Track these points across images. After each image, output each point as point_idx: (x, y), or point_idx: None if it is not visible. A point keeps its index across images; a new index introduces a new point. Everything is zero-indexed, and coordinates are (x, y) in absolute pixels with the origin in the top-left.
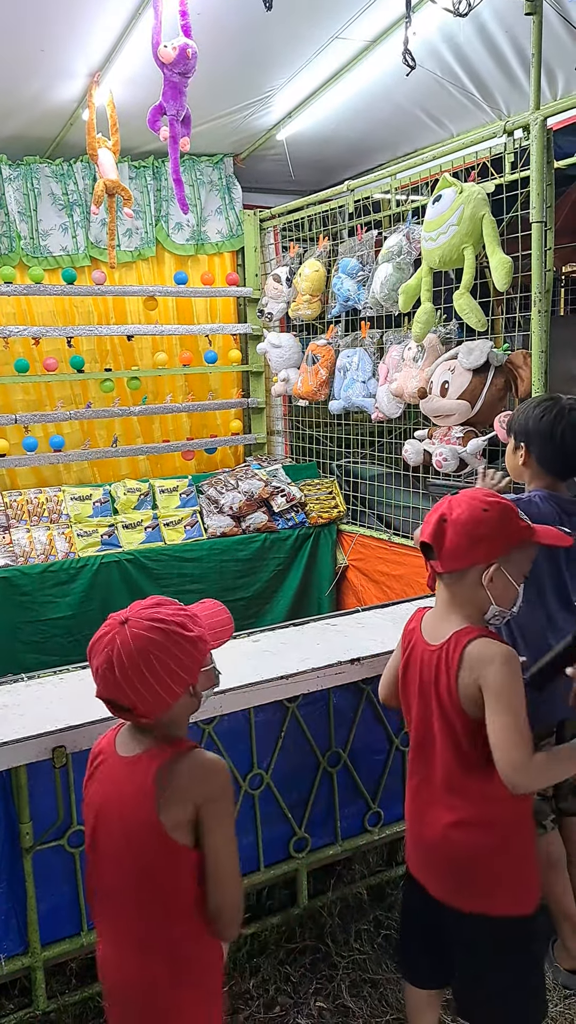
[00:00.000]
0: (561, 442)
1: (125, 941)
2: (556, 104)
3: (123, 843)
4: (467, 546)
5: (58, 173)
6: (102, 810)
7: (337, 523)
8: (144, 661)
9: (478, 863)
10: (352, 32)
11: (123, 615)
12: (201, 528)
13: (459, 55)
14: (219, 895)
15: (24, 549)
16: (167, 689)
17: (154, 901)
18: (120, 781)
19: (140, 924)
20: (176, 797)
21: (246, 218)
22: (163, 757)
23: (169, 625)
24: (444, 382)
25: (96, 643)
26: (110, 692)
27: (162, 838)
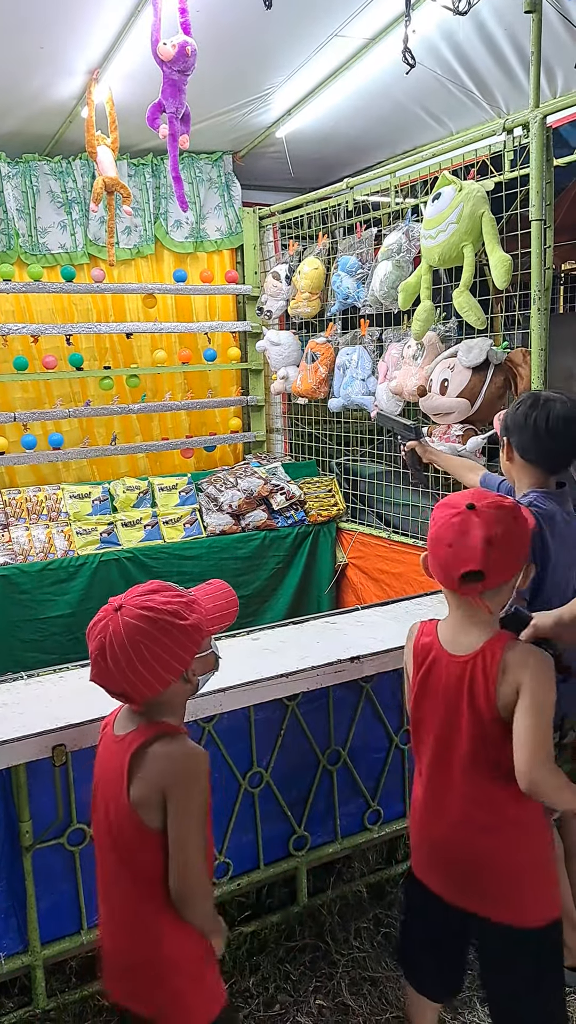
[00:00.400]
0: (534, 429)
1: (112, 915)
2: (555, 102)
3: (105, 818)
4: (512, 561)
5: (57, 171)
6: (96, 785)
7: (336, 521)
8: (134, 649)
9: (505, 869)
10: (351, 30)
11: (119, 601)
12: (200, 526)
13: (458, 53)
14: (178, 882)
15: (23, 547)
16: (156, 676)
17: (129, 878)
18: (108, 758)
19: (121, 900)
20: (145, 779)
21: (245, 216)
22: (142, 739)
23: (160, 614)
24: (444, 380)
25: (92, 628)
26: (101, 678)
27: (132, 817)
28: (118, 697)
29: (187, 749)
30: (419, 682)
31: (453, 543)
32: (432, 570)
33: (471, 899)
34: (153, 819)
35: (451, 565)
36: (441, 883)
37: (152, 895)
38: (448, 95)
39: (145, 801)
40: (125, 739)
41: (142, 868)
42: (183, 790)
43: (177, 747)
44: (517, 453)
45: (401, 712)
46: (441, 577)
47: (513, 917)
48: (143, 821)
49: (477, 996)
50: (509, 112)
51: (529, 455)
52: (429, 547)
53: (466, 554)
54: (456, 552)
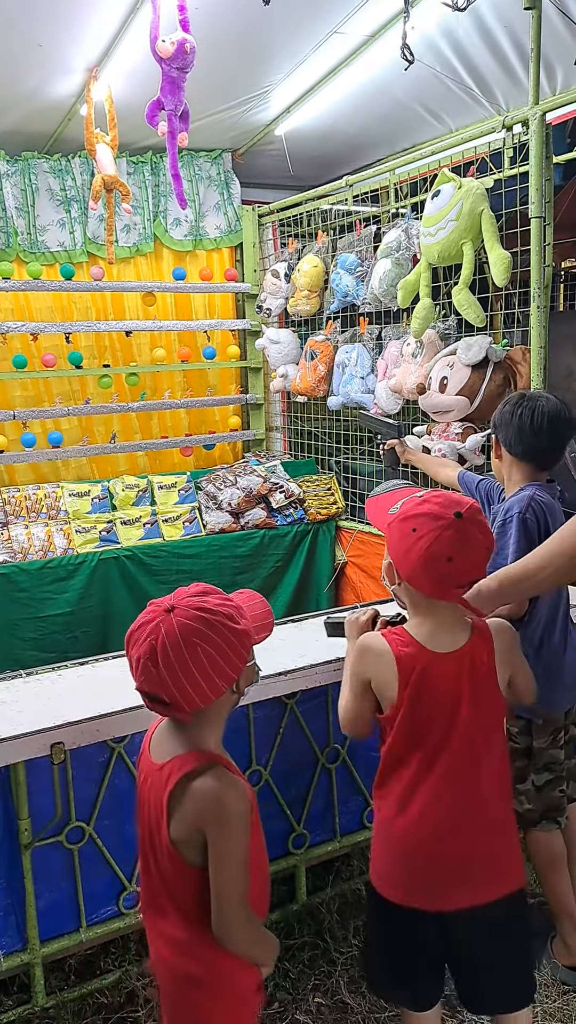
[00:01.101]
0: (519, 426)
1: (156, 934)
2: (555, 99)
3: (148, 844)
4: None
5: (56, 168)
6: (139, 805)
7: (336, 519)
8: (190, 652)
9: (511, 840)
10: (350, 27)
11: (167, 602)
12: (200, 524)
13: (458, 50)
14: (218, 920)
15: (22, 545)
16: (211, 684)
17: (173, 907)
18: (147, 787)
19: (163, 921)
20: (185, 818)
21: (244, 213)
22: (182, 772)
23: (216, 616)
24: (443, 378)
25: (137, 631)
26: (151, 685)
27: (172, 854)
28: (163, 709)
29: (227, 786)
30: (411, 694)
31: (454, 557)
32: (420, 583)
33: (490, 888)
34: (194, 857)
35: (453, 578)
36: (459, 891)
37: (193, 924)
38: (447, 92)
39: (185, 839)
40: (164, 770)
41: (184, 901)
42: (222, 830)
43: (217, 784)
44: (505, 450)
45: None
46: (435, 590)
47: (517, 882)
48: (183, 858)
49: None
50: (508, 109)
51: (516, 452)
52: (417, 564)
53: (470, 566)
54: (458, 567)
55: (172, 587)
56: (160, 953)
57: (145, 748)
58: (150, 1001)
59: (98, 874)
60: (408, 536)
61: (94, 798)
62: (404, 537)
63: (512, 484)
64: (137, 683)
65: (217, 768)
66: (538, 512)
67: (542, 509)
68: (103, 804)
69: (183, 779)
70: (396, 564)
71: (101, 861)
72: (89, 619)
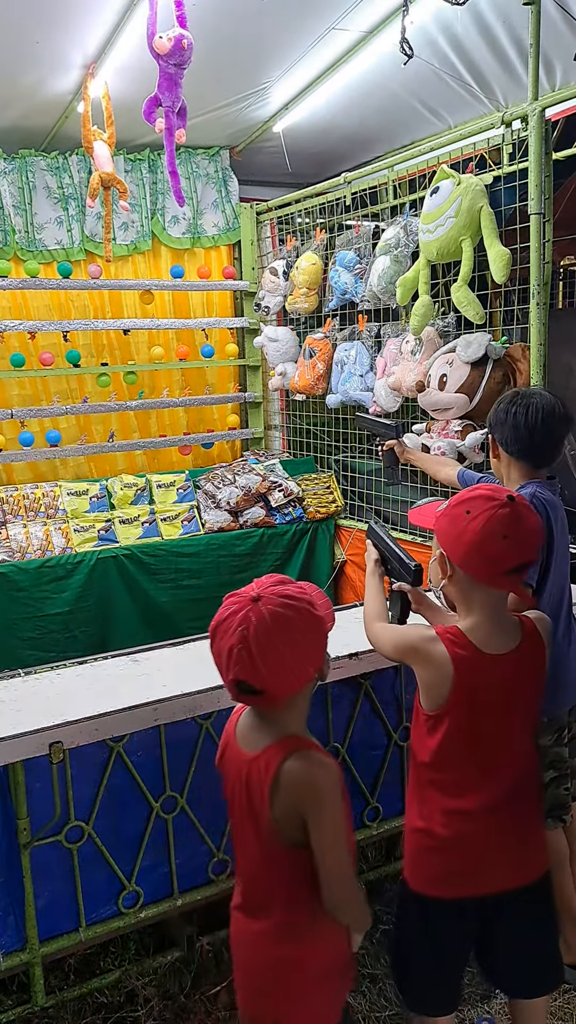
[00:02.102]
0: (514, 424)
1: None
2: (554, 95)
3: (249, 833)
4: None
5: (53, 166)
6: (232, 798)
7: (335, 518)
8: (282, 640)
9: (541, 829)
10: (349, 22)
11: (250, 592)
12: (198, 523)
13: (456, 45)
14: (331, 893)
15: (21, 544)
16: (302, 669)
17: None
18: (241, 776)
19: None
20: (286, 800)
21: (242, 211)
22: (279, 758)
23: (301, 603)
24: (442, 375)
25: (225, 622)
26: (245, 673)
27: (275, 837)
28: (253, 698)
29: (320, 767)
30: (464, 698)
31: (509, 535)
32: (473, 566)
33: (523, 873)
34: (296, 837)
35: (507, 558)
36: (501, 878)
37: (298, 905)
38: (446, 88)
39: (287, 821)
40: (259, 758)
41: (289, 882)
42: (323, 807)
43: (313, 764)
44: (502, 449)
45: (400, 709)
46: (487, 573)
47: (544, 868)
48: (286, 839)
49: (478, 993)
50: (507, 105)
51: (512, 450)
52: (472, 543)
53: (524, 544)
54: (512, 544)
55: (170, 586)
56: (258, 942)
57: (232, 740)
58: (150, 1000)
59: (97, 873)
60: (462, 519)
61: (93, 797)
62: (457, 520)
63: (511, 483)
64: (230, 674)
65: (309, 751)
66: (540, 510)
67: (544, 507)
68: (102, 803)
69: (283, 762)
70: (449, 550)
71: (100, 860)
72: (88, 618)
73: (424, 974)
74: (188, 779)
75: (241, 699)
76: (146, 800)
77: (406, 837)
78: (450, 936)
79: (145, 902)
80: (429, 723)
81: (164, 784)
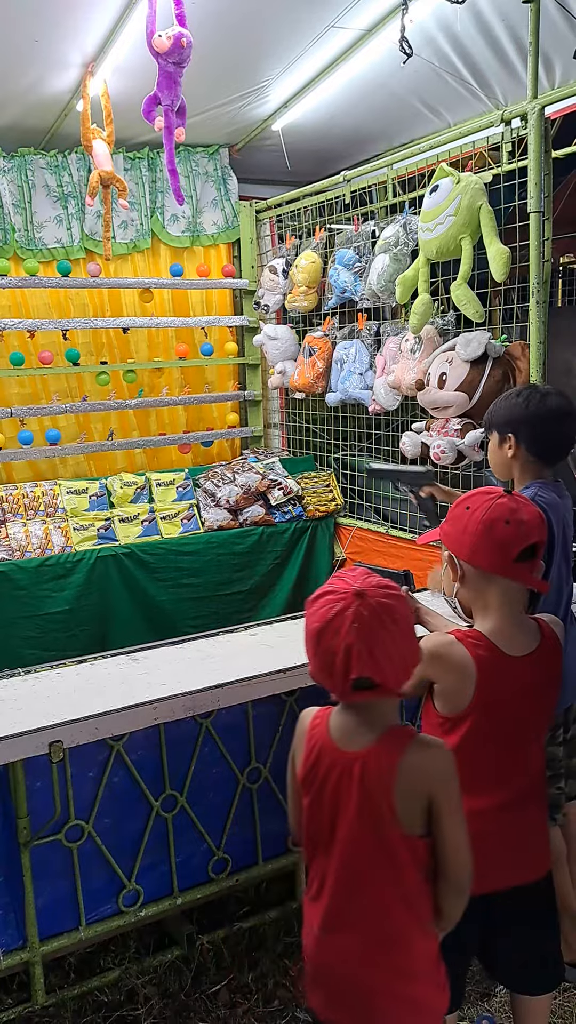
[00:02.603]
0: (537, 419)
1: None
2: (553, 93)
3: (359, 833)
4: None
5: (53, 165)
6: (331, 804)
7: (334, 516)
8: (396, 629)
9: (545, 827)
10: (348, 20)
11: (349, 587)
12: (198, 521)
13: (456, 44)
14: (456, 874)
15: (20, 543)
16: (412, 658)
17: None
18: (350, 776)
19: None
20: (409, 790)
21: (242, 209)
22: (399, 748)
23: (394, 589)
24: (442, 374)
25: (331, 623)
26: (367, 669)
27: (396, 830)
28: (370, 694)
29: (441, 747)
30: (485, 699)
31: (511, 520)
32: (481, 556)
33: (530, 870)
34: (416, 826)
35: (513, 540)
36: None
37: (410, 904)
38: (445, 87)
39: (408, 811)
40: (373, 752)
41: (403, 876)
42: (450, 788)
43: (434, 748)
44: (523, 448)
45: (398, 707)
46: (496, 561)
47: (547, 867)
48: (406, 831)
49: (478, 992)
50: (507, 103)
51: (535, 449)
52: (476, 533)
53: (527, 526)
54: (515, 528)
55: (171, 584)
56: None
57: (326, 744)
58: (150, 999)
59: (97, 872)
60: (463, 515)
61: (93, 796)
62: (460, 518)
63: (521, 480)
64: (351, 673)
65: (424, 737)
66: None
67: (545, 508)
68: (102, 802)
69: (404, 755)
70: (456, 548)
71: (100, 859)
72: (88, 617)
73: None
74: (188, 778)
75: (353, 696)
76: (146, 799)
77: None
78: (454, 933)
79: (145, 901)
80: (447, 725)
81: (164, 783)
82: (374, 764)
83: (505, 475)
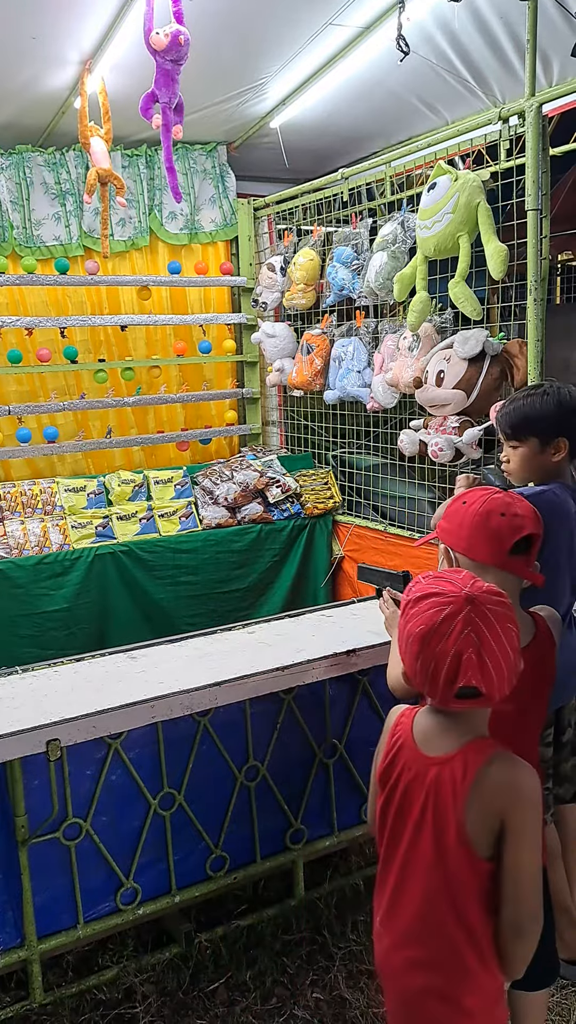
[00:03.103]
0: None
1: (411, 939)
2: (551, 90)
3: (423, 842)
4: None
5: (50, 162)
6: (404, 807)
7: (333, 514)
8: (507, 639)
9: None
10: (346, 18)
11: (459, 591)
12: (196, 519)
13: (453, 41)
14: (518, 909)
15: (18, 541)
16: (517, 667)
17: (442, 906)
18: (425, 781)
19: (430, 928)
20: (484, 807)
21: (240, 207)
22: (480, 760)
23: (503, 596)
24: (440, 371)
25: (439, 628)
26: (473, 677)
27: (463, 846)
28: (472, 703)
29: (526, 770)
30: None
31: (506, 512)
32: (476, 547)
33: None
34: (483, 847)
35: (508, 533)
36: None
37: (470, 931)
38: (443, 84)
39: (480, 829)
40: (452, 761)
41: (462, 898)
42: (526, 812)
43: (517, 770)
44: (569, 446)
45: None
46: (491, 552)
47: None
48: (471, 849)
49: None
50: (505, 101)
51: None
52: (471, 525)
53: (522, 520)
54: (509, 520)
55: (169, 582)
56: (426, 976)
57: (408, 743)
58: (148, 997)
59: (95, 870)
60: (460, 510)
61: (91, 794)
62: (456, 513)
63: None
64: (458, 681)
65: (510, 754)
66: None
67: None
68: (100, 800)
69: (484, 768)
70: (452, 541)
71: (98, 857)
72: (86, 615)
73: None
74: (186, 776)
75: (454, 704)
76: (144, 797)
77: None
78: None
79: (143, 899)
80: None
81: (162, 781)
82: (449, 772)
83: (539, 479)
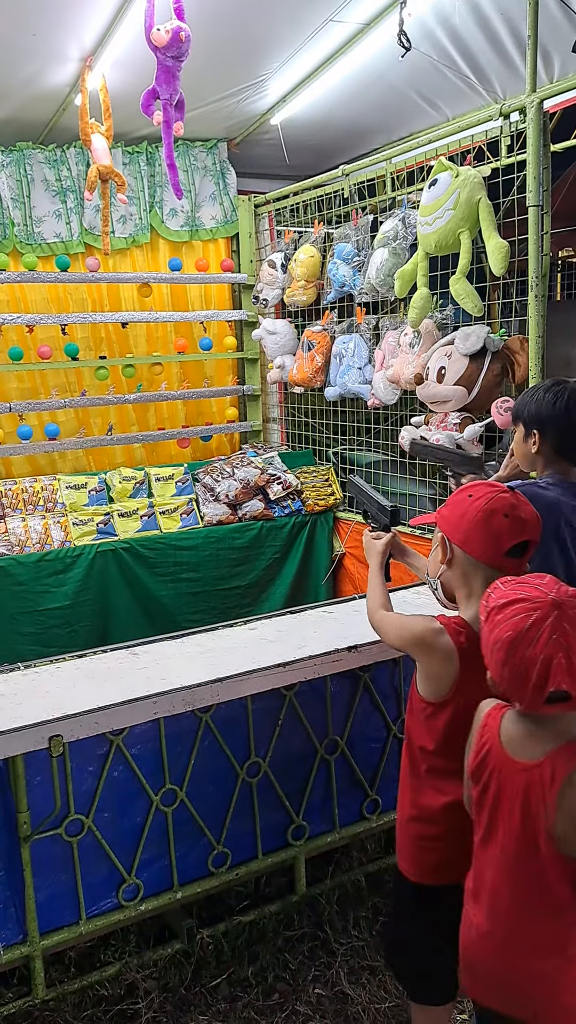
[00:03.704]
0: (572, 425)
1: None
2: (552, 87)
3: (515, 842)
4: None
5: (51, 159)
6: (494, 810)
7: (333, 510)
8: None
9: None
10: (347, 14)
11: (545, 596)
12: (197, 516)
13: (454, 37)
14: None
15: (20, 538)
16: None
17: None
18: (516, 786)
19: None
20: (573, 810)
21: (241, 204)
22: (565, 768)
23: None
24: (440, 368)
25: (527, 633)
26: (564, 682)
27: (551, 848)
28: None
29: None
30: (469, 685)
31: (510, 515)
32: (473, 544)
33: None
34: (574, 848)
35: (508, 535)
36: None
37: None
38: (444, 80)
39: (569, 830)
40: (542, 766)
41: (553, 898)
42: None
43: None
44: (550, 446)
45: (399, 701)
46: (487, 551)
47: None
48: (561, 850)
49: None
50: (505, 97)
51: (561, 447)
52: (473, 520)
53: (524, 523)
54: (512, 523)
55: (170, 579)
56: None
57: (495, 747)
58: (150, 993)
59: (97, 866)
60: (464, 501)
61: (93, 791)
62: (460, 504)
63: (541, 474)
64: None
65: None
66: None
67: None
68: (102, 796)
69: (571, 775)
70: (450, 531)
71: (100, 853)
72: (87, 612)
73: (423, 963)
74: (188, 772)
75: (544, 708)
76: (146, 793)
77: (401, 828)
78: (448, 924)
79: (145, 895)
80: (429, 710)
81: (164, 777)
82: (538, 778)
83: (528, 467)
